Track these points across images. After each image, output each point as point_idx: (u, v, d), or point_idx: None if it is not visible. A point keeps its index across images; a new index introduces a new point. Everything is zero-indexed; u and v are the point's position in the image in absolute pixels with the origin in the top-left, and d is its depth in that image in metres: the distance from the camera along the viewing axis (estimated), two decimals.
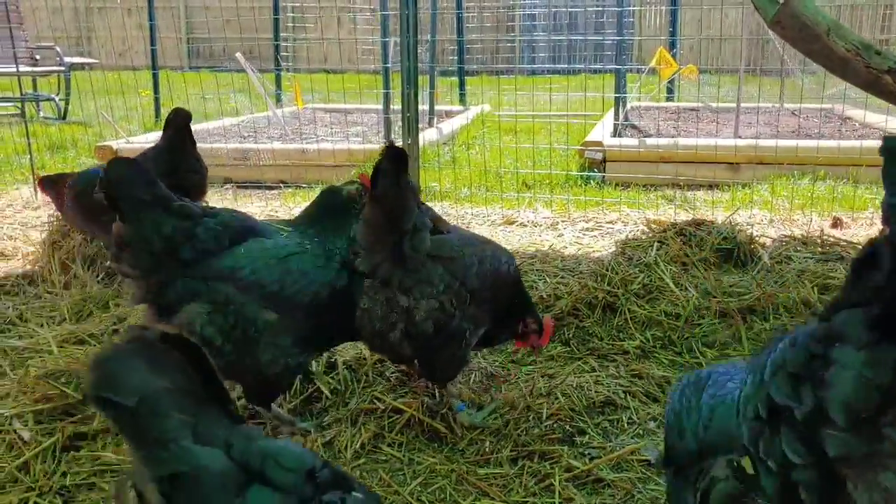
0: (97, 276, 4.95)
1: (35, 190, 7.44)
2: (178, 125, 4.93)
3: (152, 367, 1.24)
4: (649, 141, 8.60)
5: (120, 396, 1.21)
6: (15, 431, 2.99)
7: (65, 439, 3.03)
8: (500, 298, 3.26)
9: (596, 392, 3.53)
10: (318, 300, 2.99)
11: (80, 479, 2.91)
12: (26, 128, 8.12)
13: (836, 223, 5.93)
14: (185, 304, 2.83)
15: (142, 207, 2.79)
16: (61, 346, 3.88)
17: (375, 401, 3.46)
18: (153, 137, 5.12)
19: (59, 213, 5.37)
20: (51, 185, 5.07)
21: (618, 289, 4.31)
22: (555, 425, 3.31)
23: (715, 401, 1.88)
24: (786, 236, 5.13)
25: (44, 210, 6.80)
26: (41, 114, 12.98)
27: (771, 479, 1.64)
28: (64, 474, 2.92)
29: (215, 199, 7.68)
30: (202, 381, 1.30)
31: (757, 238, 5.06)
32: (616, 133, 9.23)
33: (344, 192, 3.28)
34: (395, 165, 2.88)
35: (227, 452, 1.25)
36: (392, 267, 2.95)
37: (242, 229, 3.03)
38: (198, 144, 5.13)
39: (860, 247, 4.99)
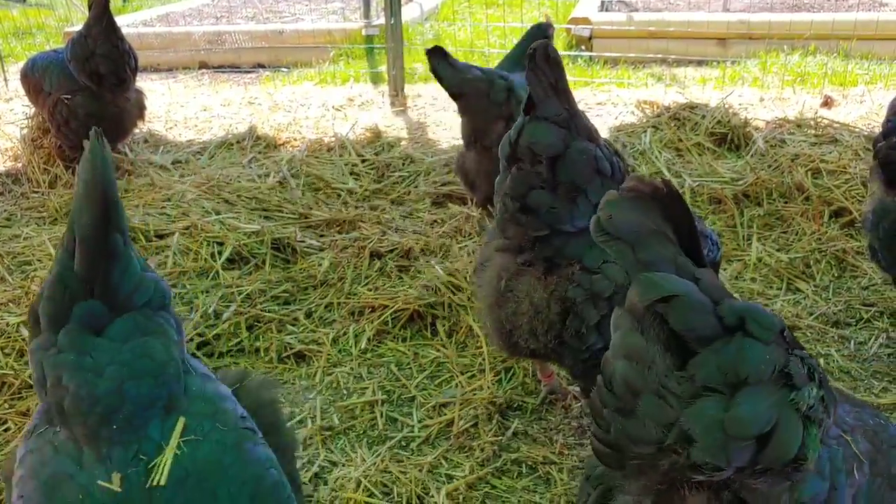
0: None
1: (6, 80, 7.16)
2: (97, 9, 4.64)
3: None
4: (637, 16, 8.35)
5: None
6: (22, 339, 3.00)
7: None
8: None
9: None
10: None
11: None
12: None
13: (827, 102, 5.87)
14: None
15: None
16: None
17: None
18: (120, 21, 4.87)
19: (34, 106, 5.21)
20: None
21: None
22: None
23: None
24: (779, 119, 5.09)
25: (16, 102, 6.56)
26: None
27: None
28: None
29: (191, 84, 7.43)
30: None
31: (751, 121, 5.02)
32: (603, 8, 8.94)
33: None
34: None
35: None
36: None
37: None
38: (171, 28, 4.88)
39: (853, 128, 4.93)
